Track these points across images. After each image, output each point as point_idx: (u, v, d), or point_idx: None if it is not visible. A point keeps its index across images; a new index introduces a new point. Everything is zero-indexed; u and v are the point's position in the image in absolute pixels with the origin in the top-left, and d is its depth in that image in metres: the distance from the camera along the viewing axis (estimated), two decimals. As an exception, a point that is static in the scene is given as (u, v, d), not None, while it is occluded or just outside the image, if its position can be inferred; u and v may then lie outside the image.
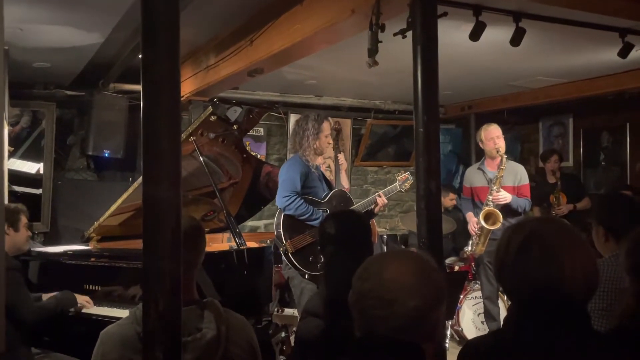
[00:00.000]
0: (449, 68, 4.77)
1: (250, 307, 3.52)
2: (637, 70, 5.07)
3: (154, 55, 1.43)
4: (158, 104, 1.43)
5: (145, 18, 1.44)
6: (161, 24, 1.44)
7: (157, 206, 1.41)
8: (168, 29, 1.44)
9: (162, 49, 1.44)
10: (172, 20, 1.45)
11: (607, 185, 6.61)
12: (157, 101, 1.43)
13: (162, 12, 1.44)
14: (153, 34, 1.44)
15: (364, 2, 2.75)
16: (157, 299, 1.37)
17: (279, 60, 3.93)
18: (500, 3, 3.11)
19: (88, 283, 3.38)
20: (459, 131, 7.67)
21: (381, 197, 3.99)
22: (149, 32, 1.44)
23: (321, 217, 3.71)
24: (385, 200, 3.99)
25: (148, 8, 1.44)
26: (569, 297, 1.33)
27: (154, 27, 1.44)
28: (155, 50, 1.44)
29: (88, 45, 4.17)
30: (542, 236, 1.36)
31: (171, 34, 1.44)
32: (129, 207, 3.94)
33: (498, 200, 4.54)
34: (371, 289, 1.23)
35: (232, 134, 4.08)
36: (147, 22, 1.44)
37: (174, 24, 1.45)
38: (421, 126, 2.44)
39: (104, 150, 5.32)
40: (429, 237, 2.40)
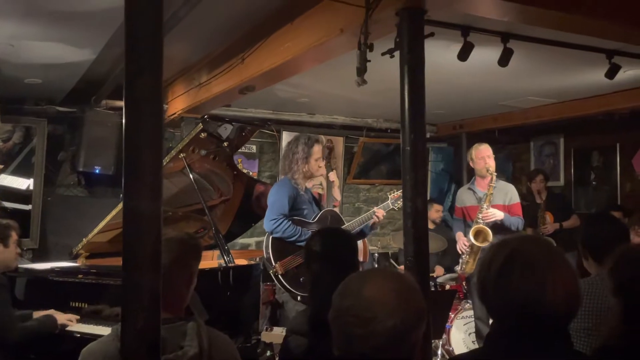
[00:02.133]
0: (439, 87, 4.82)
1: (237, 324, 3.48)
2: (626, 91, 5.13)
3: (136, 72, 1.44)
4: (140, 120, 1.44)
5: (128, 36, 1.45)
6: (144, 41, 1.45)
7: (137, 221, 1.41)
8: (151, 46, 1.45)
9: (144, 66, 1.44)
10: (155, 38, 1.46)
11: (598, 204, 6.65)
12: (139, 117, 1.44)
13: (145, 30, 1.45)
14: (136, 53, 1.45)
15: (353, 21, 2.77)
16: (136, 315, 1.36)
17: (270, 77, 3.96)
18: (488, 24, 3.14)
19: (74, 300, 3.35)
20: (450, 150, 7.70)
21: (380, 210, 3.98)
22: (133, 51, 1.45)
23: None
24: (384, 213, 3.98)
25: (131, 26, 1.45)
26: (550, 317, 1.33)
27: (137, 45, 1.45)
28: (138, 67, 1.44)
29: (80, 62, 4.18)
30: (524, 255, 1.36)
31: (154, 52, 1.45)
32: (118, 224, 3.91)
33: (488, 217, 4.54)
34: (350, 307, 1.23)
35: (224, 151, 4.08)
36: (130, 40, 1.45)
37: (157, 42, 1.46)
38: (408, 144, 2.46)
39: (95, 166, 5.31)
40: (415, 254, 2.41)
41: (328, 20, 3.01)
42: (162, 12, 1.47)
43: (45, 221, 5.37)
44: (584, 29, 3.00)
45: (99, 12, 3.10)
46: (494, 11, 2.69)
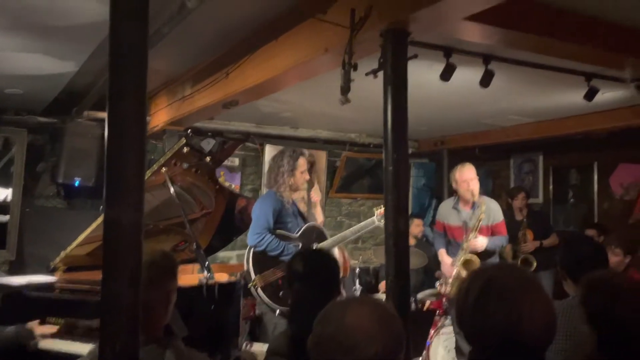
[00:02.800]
0: (421, 105, 4.87)
1: (217, 342, 3.46)
2: (603, 112, 5.23)
3: (120, 85, 1.44)
4: (123, 133, 1.43)
5: (113, 49, 1.44)
6: (128, 55, 1.45)
7: (118, 234, 1.40)
8: (135, 61, 1.45)
9: (128, 79, 1.44)
10: (140, 52, 1.45)
11: (576, 222, 6.74)
12: (122, 130, 1.43)
13: (130, 44, 1.45)
14: (120, 66, 1.44)
15: (337, 41, 2.80)
16: (114, 339, 1.35)
17: (254, 93, 3.97)
18: (470, 45, 3.19)
19: (51, 315, 3.29)
20: (432, 165, 7.76)
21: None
22: (117, 64, 1.44)
23: (293, 253, 3.68)
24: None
25: (116, 39, 1.45)
26: (527, 345, 1.35)
27: (122, 59, 1.45)
28: (122, 80, 1.44)
29: (62, 74, 4.15)
30: (500, 284, 1.39)
31: (138, 66, 1.45)
32: (97, 237, 3.87)
33: (475, 248, 4.53)
34: (332, 335, 1.23)
35: (206, 165, 4.07)
36: (115, 52, 1.44)
37: (142, 56, 1.45)
38: (390, 164, 2.48)
39: (75, 177, 5.25)
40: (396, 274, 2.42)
41: (313, 38, 3.03)
42: (147, 28, 1.47)
43: (22, 233, 5.28)
44: (564, 53, 3.07)
45: (83, 26, 3.08)
46: (477, 35, 2.73)
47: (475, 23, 2.51)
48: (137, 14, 1.45)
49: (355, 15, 2.61)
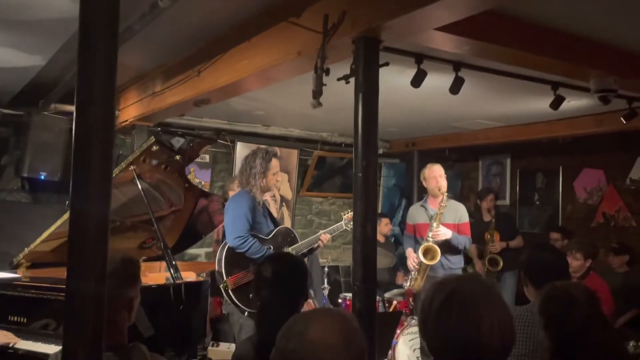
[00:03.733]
0: (393, 108, 4.92)
1: (184, 342, 3.44)
2: (568, 119, 5.37)
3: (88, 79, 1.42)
4: (90, 127, 1.41)
5: (82, 43, 1.42)
6: (98, 50, 1.43)
7: (84, 228, 1.39)
8: (105, 55, 1.43)
9: (97, 73, 1.42)
10: (110, 47, 1.44)
11: (541, 224, 6.90)
12: (90, 124, 1.41)
13: (99, 39, 1.43)
14: (89, 60, 1.42)
15: (310, 45, 2.81)
16: (77, 351, 1.34)
17: (225, 92, 3.95)
18: (441, 53, 3.23)
19: (13, 314, 3.23)
20: (402, 166, 7.84)
21: (325, 235, 4.03)
22: (86, 57, 1.42)
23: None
24: (329, 238, 4.03)
25: (85, 34, 1.43)
26: (487, 354, 1.38)
27: (91, 53, 1.42)
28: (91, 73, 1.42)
29: (29, 67, 4.06)
30: (462, 295, 1.42)
31: (107, 60, 1.43)
32: (61, 233, 3.81)
33: (438, 236, 4.64)
34: (294, 349, 1.24)
35: (175, 162, 4.03)
36: (84, 47, 1.42)
37: (111, 51, 1.44)
38: (360, 171, 2.50)
39: (40, 172, 5.14)
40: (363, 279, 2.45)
41: (286, 42, 3.03)
42: (117, 23, 1.46)
43: (-16, 227, 5.16)
44: (531, 63, 3.14)
45: (51, 21, 3.03)
46: (447, 44, 2.77)
47: (446, 33, 2.55)
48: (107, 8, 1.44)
49: (329, 21, 2.62)
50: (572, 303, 1.81)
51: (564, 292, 1.84)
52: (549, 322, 1.81)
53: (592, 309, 1.82)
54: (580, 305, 1.80)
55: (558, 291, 1.85)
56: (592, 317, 1.80)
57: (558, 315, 1.80)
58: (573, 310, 1.80)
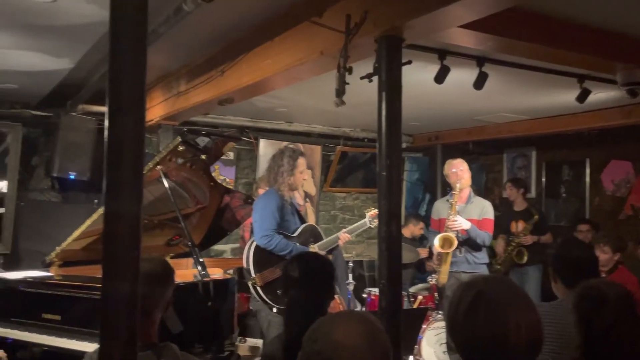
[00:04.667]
0: (416, 102, 4.90)
1: (212, 338, 3.50)
2: (595, 111, 5.28)
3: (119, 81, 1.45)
4: (122, 129, 1.45)
5: (113, 42, 1.46)
6: (128, 50, 1.47)
7: (117, 229, 1.43)
8: (135, 56, 1.47)
9: (127, 76, 1.46)
10: (140, 48, 1.47)
11: (567, 217, 6.81)
12: (121, 125, 1.45)
13: (130, 37, 1.47)
14: (120, 61, 1.46)
15: (333, 44, 2.82)
16: (113, 351, 1.39)
17: (248, 92, 3.99)
18: (464, 48, 3.21)
19: (47, 312, 3.32)
20: (426, 160, 7.81)
21: (344, 235, 4.07)
22: (116, 60, 1.46)
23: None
24: (348, 237, 4.06)
25: (116, 34, 1.47)
26: (515, 355, 1.39)
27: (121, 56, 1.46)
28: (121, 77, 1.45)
29: (58, 70, 4.15)
30: (490, 296, 1.43)
31: (137, 64, 1.46)
32: (92, 232, 3.89)
33: (454, 226, 4.61)
34: (320, 351, 1.27)
35: (201, 161, 4.09)
36: (115, 47, 1.46)
37: (140, 53, 1.47)
38: (384, 170, 2.51)
39: (70, 172, 5.26)
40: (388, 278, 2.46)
41: (309, 41, 3.05)
42: (146, 26, 1.49)
43: (17, 226, 5.29)
44: (556, 58, 3.11)
45: (78, 25, 3.08)
46: (470, 42, 2.76)
47: (469, 30, 2.54)
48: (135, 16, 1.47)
49: (351, 21, 2.63)
50: (604, 301, 1.81)
51: (597, 290, 1.84)
52: (580, 319, 1.81)
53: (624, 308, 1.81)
54: (612, 304, 1.80)
55: (591, 289, 1.85)
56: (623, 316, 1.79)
57: (589, 312, 1.80)
58: (604, 308, 1.80)
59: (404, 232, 6.11)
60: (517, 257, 5.85)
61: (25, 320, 3.35)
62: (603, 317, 1.79)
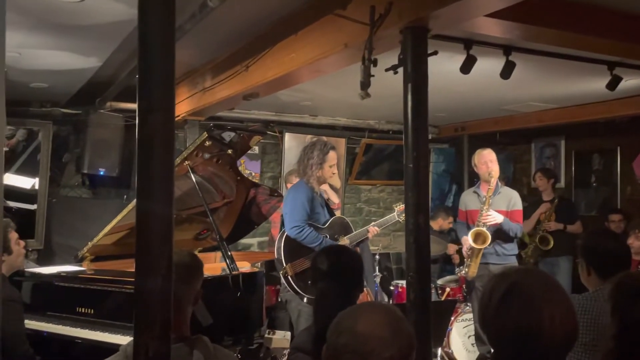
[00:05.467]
0: (441, 93, 4.85)
1: (241, 331, 3.54)
2: (626, 99, 5.16)
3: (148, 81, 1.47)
4: (152, 127, 1.46)
5: (141, 43, 1.48)
6: (157, 49, 1.49)
7: (150, 224, 1.45)
8: (163, 56, 1.48)
9: (157, 76, 1.47)
10: (168, 47, 1.49)
11: (598, 206, 6.69)
12: (152, 124, 1.46)
13: (158, 38, 1.49)
14: (148, 61, 1.47)
15: (357, 37, 2.81)
16: (147, 345, 1.41)
17: (273, 86, 4.00)
18: (490, 37, 3.17)
19: (80, 306, 3.40)
20: (452, 151, 7.74)
21: (373, 228, 4.08)
22: (145, 60, 1.47)
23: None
24: (377, 231, 4.08)
25: (144, 34, 1.49)
26: (547, 349, 1.38)
27: (150, 52, 1.48)
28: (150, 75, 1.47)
29: (86, 69, 4.22)
30: (523, 288, 1.41)
31: (166, 61, 1.48)
32: (123, 227, 3.96)
33: (487, 220, 4.57)
34: (346, 344, 1.28)
35: (227, 155, 4.13)
36: (143, 47, 1.48)
37: (170, 52, 1.49)
38: (411, 162, 2.50)
39: (99, 168, 5.36)
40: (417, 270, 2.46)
41: (332, 34, 3.04)
42: (174, 24, 1.51)
43: (49, 222, 5.41)
44: (585, 45, 3.04)
45: (106, 24, 3.13)
46: (497, 30, 2.72)
47: (495, 19, 2.50)
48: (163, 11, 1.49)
49: (375, 12, 2.62)
50: None
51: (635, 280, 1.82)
52: (615, 308, 1.79)
53: None
54: None
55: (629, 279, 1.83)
56: None
57: (625, 302, 1.78)
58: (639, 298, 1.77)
59: (433, 225, 6.08)
60: (542, 244, 5.79)
61: (60, 314, 3.44)
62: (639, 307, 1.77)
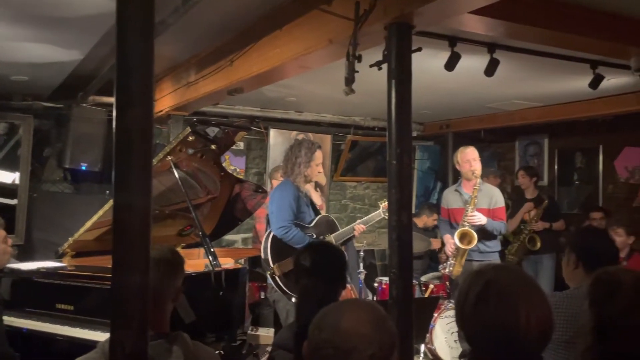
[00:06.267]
0: (426, 90, 4.87)
1: (224, 328, 3.52)
2: (608, 97, 5.22)
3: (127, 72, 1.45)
4: (130, 120, 1.44)
5: (120, 34, 1.45)
6: (135, 41, 1.46)
7: (127, 219, 1.43)
8: (142, 48, 1.46)
9: (135, 67, 1.45)
10: (147, 39, 1.47)
11: (580, 205, 6.75)
12: (130, 117, 1.44)
13: (136, 29, 1.46)
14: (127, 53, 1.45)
15: (342, 32, 2.80)
16: (124, 341, 1.39)
17: (258, 81, 3.98)
18: (474, 35, 3.18)
19: (60, 302, 3.35)
20: (437, 148, 7.77)
21: (359, 226, 4.08)
22: (124, 52, 1.44)
23: None
24: (363, 228, 4.08)
25: (123, 26, 1.46)
26: (523, 345, 1.38)
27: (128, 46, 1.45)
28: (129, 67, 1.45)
29: (68, 61, 4.16)
30: (499, 285, 1.41)
31: (144, 54, 1.46)
32: (104, 222, 3.92)
33: (472, 221, 4.60)
34: (328, 339, 1.27)
35: (211, 151, 4.10)
36: (122, 39, 1.45)
37: (149, 44, 1.47)
38: (394, 158, 2.49)
39: (81, 163, 5.29)
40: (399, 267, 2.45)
41: (317, 29, 3.03)
42: (153, 16, 1.49)
43: (30, 217, 5.34)
44: (568, 44, 3.06)
45: (88, 17, 3.09)
46: (481, 27, 2.73)
47: (480, 16, 2.51)
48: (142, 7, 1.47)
49: (360, 8, 2.61)
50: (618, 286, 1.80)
51: (612, 275, 1.82)
52: (592, 302, 1.80)
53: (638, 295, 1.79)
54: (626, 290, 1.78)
55: (606, 274, 1.84)
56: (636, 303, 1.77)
57: (602, 296, 1.79)
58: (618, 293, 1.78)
59: (417, 222, 6.09)
60: (530, 244, 5.85)
61: (40, 311, 3.39)
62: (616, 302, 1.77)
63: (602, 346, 1.76)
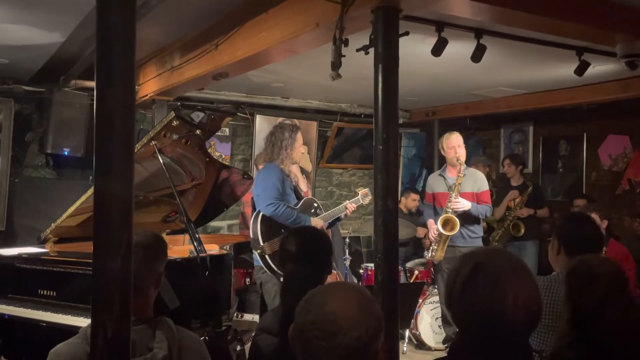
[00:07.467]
0: (413, 77, 4.85)
1: (209, 314, 3.51)
2: (592, 85, 5.25)
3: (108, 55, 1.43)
4: (111, 104, 1.42)
5: (100, 14, 1.42)
6: (116, 26, 1.43)
7: (108, 205, 1.41)
8: (123, 28, 1.43)
9: (116, 50, 1.43)
10: (128, 19, 1.44)
11: (564, 192, 6.82)
12: (110, 101, 1.42)
13: (117, 15, 1.43)
14: (108, 37, 1.43)
15: (328, 16, 2.77)
16: (106, 326, 1.37)
17: (243, 66, 3.93)
18: (462, 20, 3.17)
19: (43, 289, 3.32)
20: (423, 135, 7.78)
21: (351, 205, 4.12)
22: (104, 34, 1.43)
23: (305, 220, 3.84)
24: (354, 207, 4.12)
25: (103, 11, 1.43)
26: (510, 328, 1.38)
27: (109, 30, 1.43)
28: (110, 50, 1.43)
29: (49, 44, 4.08)
30: (489, 267, 1.41)
31: (125, 37, 1.43)
32: (87, 208, 3.87)
33: (456, 207, 4.62)
34: (314, 321, 1.26)
35: (196, 136, 4.06)
36: (102, 18, 1.43)
37: (129, 27, 1.44)
38: (380, 143, 2.48)
39: (64, 148, 5.21)
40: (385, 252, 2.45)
41: (304, 13, 3.00)
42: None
43: (12, 203, 5.26)
44: (555, 29, 3.06)
45: (69, -2, 3.03)
46: (468, 12, 2.71)
47: (467, 0, 2.49)
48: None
49: (347, -9, 2.58)
50: (593, 277, 1.80)
51: (588, 265, 1.83)
52: (569, 293, 1.81)
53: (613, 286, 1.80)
54: (601, 281, 1.79)
55: (583, 264, 1.84)
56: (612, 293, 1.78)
57: (578, 288, 1.79)
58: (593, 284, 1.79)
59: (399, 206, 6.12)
60: (514, 230, 5.91)
61: (22, 297, 3.36)
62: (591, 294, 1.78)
63: (577, 334, 1.77)
